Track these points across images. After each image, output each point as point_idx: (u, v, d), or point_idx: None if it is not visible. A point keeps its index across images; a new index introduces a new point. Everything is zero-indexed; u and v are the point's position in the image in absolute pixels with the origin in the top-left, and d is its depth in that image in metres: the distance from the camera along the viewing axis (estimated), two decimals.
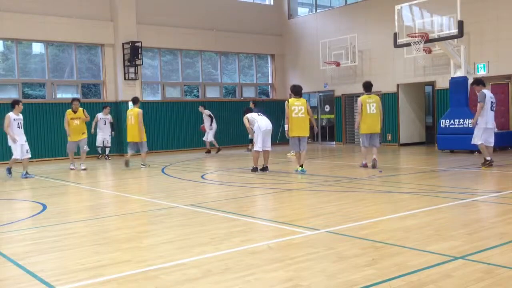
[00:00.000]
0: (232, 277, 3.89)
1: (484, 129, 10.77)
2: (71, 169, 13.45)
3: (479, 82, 11.14)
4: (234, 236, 5.27)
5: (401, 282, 3.64)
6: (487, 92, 10.98)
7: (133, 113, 13.11)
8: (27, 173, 11.83)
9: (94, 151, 16.97)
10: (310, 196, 8.05)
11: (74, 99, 13.89)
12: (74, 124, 13.35)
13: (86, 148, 13.56)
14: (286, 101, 11.00)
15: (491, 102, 10.90)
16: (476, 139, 10.89)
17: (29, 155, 11.93)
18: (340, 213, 6.40)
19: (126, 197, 8.48)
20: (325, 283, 3.70)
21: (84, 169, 13.16)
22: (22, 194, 9.61)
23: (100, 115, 16.65)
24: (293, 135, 10.83)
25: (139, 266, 4.30)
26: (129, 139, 13.32)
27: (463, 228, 5.30)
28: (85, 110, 13.74)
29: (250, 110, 12.00)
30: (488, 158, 10.71)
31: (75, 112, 13.41)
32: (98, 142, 16.74)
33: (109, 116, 16.87)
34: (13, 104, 11.81)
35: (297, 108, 10.68)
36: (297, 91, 11.09)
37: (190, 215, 6.62)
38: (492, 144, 10.98)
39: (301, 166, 10.91)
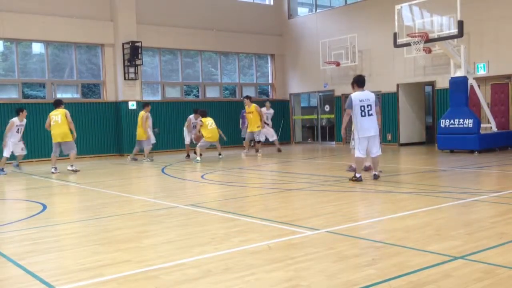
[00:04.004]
0: (232, 277, 3.89)
1: (358, 139, 9.06)
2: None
3: (356, 81, 9.21)
4: (234, 236, 5.26)
5: (401, 282, 3.64)
6: (355, 95, 9.06)
7: (61, 113, 12.55)
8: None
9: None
10: (310, 196, 8.05)
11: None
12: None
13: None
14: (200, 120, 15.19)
15: (361, 106, 8.94)
16: (356, 151, 9.13)
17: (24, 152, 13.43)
18: (340, 213, 6.40)
19: (126, 197, 8.48)
20: (325, 283, 3.70)
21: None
22: (22, 194, 9.61)
23: (264, 110, 16.80)
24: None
25: (139, 266, 4.30)
26: (57, 139, 12.60)
27: (463, 228, 5.30)
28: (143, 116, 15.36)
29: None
30: (358, 175, 9.00)
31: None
32: (261, 137, 16.83)
33: (271, 111, 17.03)
34: (17, 111, 13.05)
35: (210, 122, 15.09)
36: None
37: (190, 215, 6.62)
38: (375, 155, 9.19)
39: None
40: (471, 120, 14.29)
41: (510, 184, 8.82)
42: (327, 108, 21.71)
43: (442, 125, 14.92)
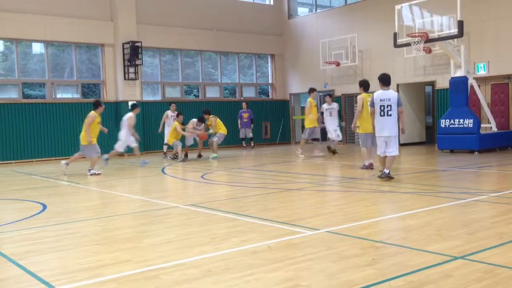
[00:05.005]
0: (232, 277, 3.89)
1: (377, 138, 9.40)
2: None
3: (379, 79, 9.60)
4: (234, 236, 5.26)
5: (401, 282, 3.64)
6: (377, 94, 9.41)
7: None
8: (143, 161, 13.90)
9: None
10: (310, 196, 8.05)
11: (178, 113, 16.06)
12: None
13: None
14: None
15: (381, 106, 9.19)
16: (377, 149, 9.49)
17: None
18: (340, 213, 6.40)
19: (126, 197, 8.48)
20: (325, 283, 3.70)
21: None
22: (22, 194, 9.60)
23: (326, 106, 16.83)
24: None
25: (139, 266, 4.30)
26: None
27: (463, 228, 5.30)
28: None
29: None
30: (386, 171, 9.13)
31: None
32: (332, 136, 16.81)
33: (334, 105, 16.92)
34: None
35: None
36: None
37: (190, 215, 6.62)
38: (389, 154, 9.17)
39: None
40: (471, 120, 14.29)
41: (510, 184, 8.82)
42: None
43: (442, 125, 14.92)
